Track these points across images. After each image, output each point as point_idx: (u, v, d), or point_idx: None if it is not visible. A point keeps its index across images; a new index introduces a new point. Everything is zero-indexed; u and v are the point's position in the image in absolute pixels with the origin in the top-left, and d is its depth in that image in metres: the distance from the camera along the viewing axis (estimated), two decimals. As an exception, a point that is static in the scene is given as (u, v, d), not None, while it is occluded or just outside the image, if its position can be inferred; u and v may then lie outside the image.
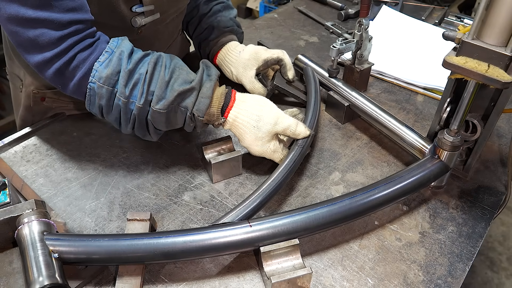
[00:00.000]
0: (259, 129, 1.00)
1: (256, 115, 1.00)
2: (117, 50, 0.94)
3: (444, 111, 1.03)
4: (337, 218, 0.89)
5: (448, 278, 0.88)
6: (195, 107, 0.96)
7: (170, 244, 0.82)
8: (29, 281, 0.75)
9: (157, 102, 0.93)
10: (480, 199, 1.05)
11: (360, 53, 1.31)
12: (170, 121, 0.98)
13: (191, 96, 0.96)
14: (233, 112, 1.01)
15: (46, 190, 1.05)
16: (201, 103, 0.97)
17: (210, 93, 0.97)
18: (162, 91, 0.93)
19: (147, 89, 0.93)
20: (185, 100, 0.96)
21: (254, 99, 1.03)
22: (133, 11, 1.05)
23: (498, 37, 0.79)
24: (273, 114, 1.01)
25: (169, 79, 0.94)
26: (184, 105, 0.96)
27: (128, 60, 0.93)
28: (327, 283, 0.87)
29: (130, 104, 0.94)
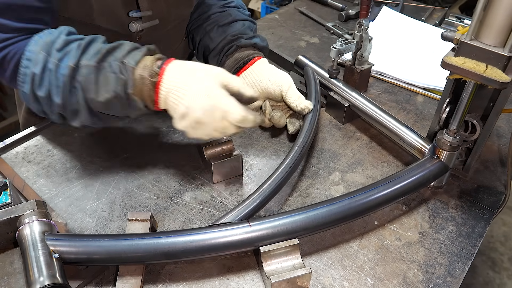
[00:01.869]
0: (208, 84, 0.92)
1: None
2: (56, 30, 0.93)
3: (443, 111, 1.03)
4: (337, 218, 0.89)
5: (447, 277, 0.88)
6: (126, 57, 0.90)
7: (170, 244, 0.82)
8: (30, 281, 0.75)
9: (87, 59, 0.88)
10: (480, 199, 1.06)
11: (360, 53, 1.32)
12: (99, 81, 0.89)
13: (122, 48, 0.92)
14: (171, 69, 0.92)
15: (47, 191, 1.06)
16: (134, 54, 0.91)
17: (144, 49, 0.93)
18: (95, 51, 0.90)
19: (81, 53, 0.89)
20: (116, 52, 0.91)
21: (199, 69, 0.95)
22: (130, 16, 1.05)
23: (496, 38, 0.79)
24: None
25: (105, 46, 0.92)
26: (114, 55, 0.90)
27: (67, 34, 0.93)
28: (327, 283, 0.87)
29: (62, 67, 0.88)
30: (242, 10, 1.30)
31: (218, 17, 1.25)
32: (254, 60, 1.20)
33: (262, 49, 1.25)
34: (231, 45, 1.20)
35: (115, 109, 0.92)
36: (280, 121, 1.18)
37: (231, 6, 1.29)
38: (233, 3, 1.31)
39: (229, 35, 1.20)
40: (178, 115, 0.91)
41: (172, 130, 1.25)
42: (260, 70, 1.18)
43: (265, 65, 1.20)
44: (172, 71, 0.91)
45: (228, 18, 1.24)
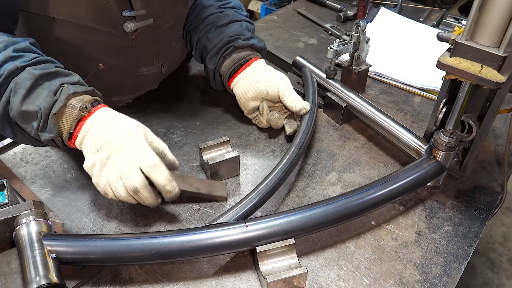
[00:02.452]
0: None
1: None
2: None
3: (440, 111, 1.03)
4: (333, 218, 0.89)
5: (443, 277, 0.88)
6: (69, 85, 0.90)
7: (167, 244, 0.82)
8: (26, 280, 0.76)
9: (34, 68, 0.89)
10: (477, 199, 1.06)
11: (357, 54, 1.32)
12: (31, 92, 0.88)
13: (71, 77, 0.93)
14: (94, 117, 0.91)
15: (45, 191, 1.06)
16: (77, 86, 0.92)
17: (89, 89, 0.94)
18: (46, 66, 0.91)
19: (33, 62, 0.89)
20: (64, 77, 0.92)
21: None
22: (124, 16, 1.05)
23: (491, 38, 0.79)
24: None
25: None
26: (57, 80, 0.90)
27: (32, 44, 0.94)
28: (323, 283, 0.87)
29: (9, 63, 0.87)
30: (239, 11, 1.31)
31: (216, 18, 1.25)
32: (252, 61, 1.20)
33: (259, 50, 1.26)
34: (228, 46, 1.20)
35: (30, 125, 0.90)
36: (278, 122, 1.18)
37: (228, 7, 1.29)
38: (230, 3, 1.31)
39: (227, 36, 1.20)
40: (92, 149, 0.89)
41: (169, 130, 1.25)
42: (258, 71, 1.18)
43: (262, 66, 1.20)
44: (103, 112, 0.92)
45: (226, 19, 1.24)
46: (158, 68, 1.28)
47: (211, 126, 1.28)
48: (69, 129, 0.89)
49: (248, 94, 1.18)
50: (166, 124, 1.28)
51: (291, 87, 1.17)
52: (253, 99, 1.18)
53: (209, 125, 1.28)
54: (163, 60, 1.28)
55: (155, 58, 1.24)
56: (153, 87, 1.36)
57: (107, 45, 1.10)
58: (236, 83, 1.20)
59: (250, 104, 1.19)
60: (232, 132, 1.26)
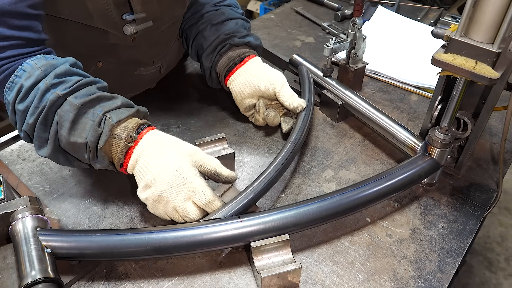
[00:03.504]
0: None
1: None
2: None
3: (435, 108, 1.04)
4: (327, 214, 0.90)
5: (437, 273, 0.88)
6: (110, 111, 0.89)
7: (162, 239, 0.82)
8: (22, 275, 0.76)
9: (75, 97, 0.87)
10: (472, 196, 1.06)
11: (354, 52, 1.32)
12: (76, 123, 0.87)
13: (114, 101, 0.91)
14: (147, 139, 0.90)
15: (41, 188, 1.06)
16: (120, 111, 0.90)
17: (133, 110, 0.92)
18: (87, 92, 0.89)
19: (74, 88, 0.88)
20: (106, 102, 0.90)
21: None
22: (124, 19, 1.06)
23: (485, 34, 0.80)
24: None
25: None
26: (99, 106, 0.88)
27: (71, 65, 0.92)
28: (317, 278, 0.87)
29: (50, 92, 0.86)
30: (235, 9, 1.31)
31: (211, 16, 1.25)
32: (248, 59, 1.20)
33: (255, 47, 1.26)
34: (224, 43, 1.20)
35: (81, 155, 0.90)
36: (274, 120, 1.18)
37: (224, 5, 1.30)
38: (226, 1, 1.31)
39: (223, 33, 1.21)
40: (143, 184, 0.88)
41: (166, 128, 1.26)
42: (254, 69, 1.19)
43: (258, 64, 1.21)
44: (149, 139, 0.90)
45: (221, 16, 1.25)
46: (157, 68, 1.29)
47: (208, 123, 1.28)
48: (119, 159, 0.89)
49: (244, 91, 1.18)
50: (162, 121, 1.28)
51: (287, 84, 1.17)
52: (249, 96, 1.18)
53: (206, 123, 1.29)
54: (162, 60, 1.29)
55: (154, 58, 1.25)
56: (151, 86, 1.37)
57: (107, 44, 1.10)
58: (232, 81, 1.20)
59: (247, 102, 1.19)
60: (228, 130, 1.26)
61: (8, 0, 0.84)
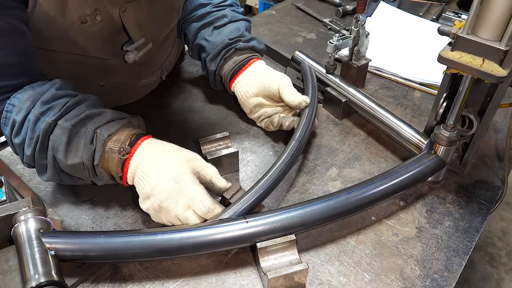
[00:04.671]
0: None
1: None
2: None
3: (440, 106, 1.03)
4: (334, 214, 0.89)
5: (444, 272, 0.88)
6: (101, 127, 0.89)
7: (167, 240, 0.82)
8: (25, 278, 0.75)
9: (65, 120, 0.87)
10: (477, 194, 1.05)
11: (357, 49, 1.31)
12: (70, 145, 0.87)
13: (103, 116, 0.91)
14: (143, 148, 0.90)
15: (43, 188, 1.05)
16: (110, 125, 0.90)
17: (124, 122, 0.93)
18: (76, 113, 0.89)
19: (63, 112, 0.88)
20: (96, 118, 0.90)
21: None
22: (124, 50, 1.05)
23: (493, 32, 0.78)
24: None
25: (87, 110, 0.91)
26: (89, 124, 0.89)
27: (57, 88, 0.91)
28: (324, 279, 0.87)
29: (41, 120, 0.87)
30: (236, 8, 1.30)
31: (214, 18, 1.24)
32: (252, 61, 1.20)
33: (259, 51, 1.26)
34: (229, 48, 1.20)
35: (82, 175, 0.91)
36: (289, 126, 1.17)
37: (226, 5, 1.29)
38: (228, 1, 1.31)
39: (227, 38, 1.20)
40: (143, 195, 0.89)
41: (168, 126, 1.25)
42: (258, 70, 1.18)
43: (262, 66, 1.21)
44: (145, 150, 0.90)
45: (224, 19, 1.24)
46: (158, 76, 1.30)
47: (210, 122, 1.27)
48: (116, 173, 0.90)
49: (249, 91, 1.17)
50: (164, 120, 1.27)
51: (291, 84, 1.16)
52: (254, 95, 1.17)
53: (208, 121, 1.28)
54: (162, 68, 1.29)
55: (154, 69, 1.26)
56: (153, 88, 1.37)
57: (107, 68, 1.10)
58: (237, 83, 1.20)
59: (252, 102, 1.18)
60: (231, 128, 1.25)
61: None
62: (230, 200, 0.92)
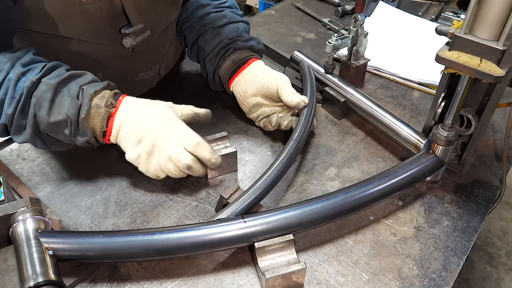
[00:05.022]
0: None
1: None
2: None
3: (438, 106, 1.03)
4: (332, 213, 0.89)
5: (442, 272, 0.88)
6: (85, 85, 0.93)
7: (164, 240, 0.82)
8: (23, 278, 0.75)
9: (48, 78, 0.90)
10: (475, 193, 1.05)
11: (356, 49, 1.31)
12: (53, 102, 0.90)
13: (85, 77, 0.95)
14: (125, 104, 0.96)
15: (42, 188, 1.05)
16: (94, 84, 0.94)
17: (105, 83, 0.96)
18: (58, 73, 0.92)
19: (44, 72, 0.91)
20: (78, 78, 0.94)
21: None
22: (122, 33, 1.05)
23: (490, 31, 0.79)
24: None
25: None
26: (72, 83, 0.92)
27: (34, 54, 0.95)
28: (322, 278, 0.87)
29: (22, 80, 0.89)
30: (235, 11, 1.30)
31: (213, 19, 1.24)
32: (251, 61, 1.20)
33: (258, 51, 1.26)
34: (228, 47, 1.20)
35: (62, 133, 0.93)
36: (287, 126, 1.17)
37: (225, 6, 1.29)
38: (227, 2, 1.30)
39: (226, 38, 1.20)
40: (133, 141, 0.94)
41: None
42: (257, 69, 1.18)
43: (261, 65, 1.20)
44: (128, 103, 0.96)
45: (223, 20, 1.24)
46: (156, 71, 1.29)
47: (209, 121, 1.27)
48: (101, 128, 0.93)
49: (248, 91, 1.17)
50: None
51: (290, 84, 1.16)
52: (253, 95, 1.17)
53: (207, 121, 1.28)
54: (160, 63, 1.29)
55: (152, 62, 1.25)
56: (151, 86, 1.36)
57: (105, 56, 1.10)
58: (236, 83, 1.20)
59: (250, 101, 1.18)
60: (230, 127, 1.25)
61: None
62: (228, 200, 0.92)
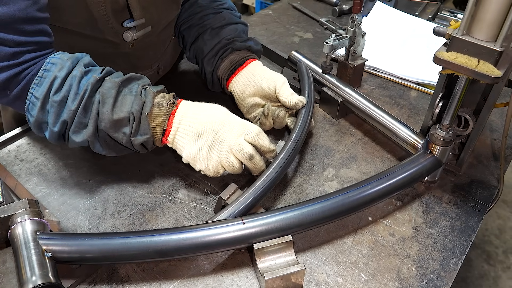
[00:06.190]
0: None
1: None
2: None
3: (436, 106, 1.03)
4: (330, 214, 0.89)
5: (441, 272, 0.88)
6: (147, 85, 0.96)
7: (163, 242, 0.82)
8: (22, 280, 0.75)
9: (112, 77, 0.93)
10: (473, 193, 1.06)
11: (353, 49, 1.31)
12: (117, 99, 0.91)
13: (144, 79, 0.98)
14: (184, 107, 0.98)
15: (40, 189, 1.05)
16: (154, 86, 0.98)
17: (162, 87, 0.99)
18: (118, 75, 0.95)
19: (106, 72, 0.93)
20: (139, 80, 0.97)
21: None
22: (124, 26, 1.05)
23: (488, 32, 0.79)
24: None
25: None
26: (134, 84, 0.95)
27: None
28: (321, 279, 0.87)
29: (87, 78, 0.91)
30: (234, 12, 1.30)
31: (212, 20, 1.24)
32: (249, 61, 1.20)
33: (256, 52, 1.26)
34: (226, 48, 1.20)
35: (122, 132, 0.93)
36: (283, 120, 1.17)
37: (224, 8, 1.29)
38: (225, 4, 1.30)
39: (224, 38, 1.20)
40: (193, 136, 0.95)
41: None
42: (255, 69, 1.18)
43: (259, 66, 1.20)
44: (187, 103, 0.99)
45: (222, 21, 1.24)
46: (155, 70, 1.29)
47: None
48: (162, 126, 0.95)
49: (246, 91, 1.17)
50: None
51: (288, 84, 1.16)
52: (251, 95, 1.17)
53: (205, 121, 1.27)
54: (159, 61, 1.29)
55: (151, 61, 1.25)
56: None
57: (105, 52, 1.10)
58: (234, 83, 1.20)
59: (248, 101, 1.18)
60: (228, 128, 1.25)
61: (18, 6, 0.83)
62: (227, 201, 0.92)
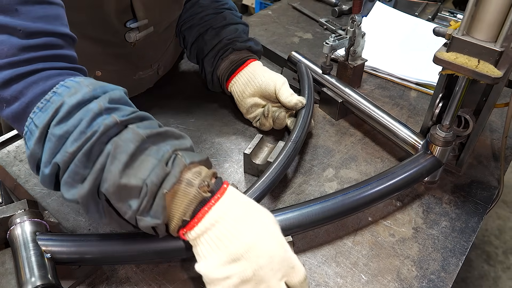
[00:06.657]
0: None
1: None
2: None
3: (436, 106, 1.03)
4: (330, 215, 0.89)
5: (441, 273, 0.88)
6: (181, 150, 0.71)
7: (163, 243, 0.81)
8: (21, 281, 0.75)
9: (138, 127, 0.69)
10: (473, 193, 1.06)
11: (353, 49, 1.31)
12: (134, 160, 0.67)
13: (183, 140, 0.74)
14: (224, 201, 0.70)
15: (39, 190, 1.05)
16: (194, 154, 0.72)
17: (205, 156, 0.74)
18: (149, 125, 0.71)
19: (135, 117, 0.71)
20: (175, 140, 0.73)
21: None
22: (127, 27, 1.05)
23: (488, 33, 0.79)
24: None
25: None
26: (166, 143, 0.70)
27: (125, 92, 0.76)
28: (321, 280, 0.87)
29: (104, 116, 0.67)
30: (235, 13, 1.30)
31: (212, 20, 1.24)
32: (249, 62, 1.20)
33: (256, 52, 1.26)
34: (226, 48, 1.20)
35: (124, 204, 0.68)
36: (283, 121, 1.17)
37: (225, 8, 1.29)
38: (227, 5, 1.30)
39: (225, 38, 1.20)
40: (228, 256, 0.66)
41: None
42: (255, 70, 1.19)
43: (259, 66, 1.21)
44: (233, 199, 0.70)
45: (223, 21, 1.24)
46: (155, 70, 1.29)
47: (207, 122, 1.27)
48: (182, 214, 0.68)
49: (246, 91, 1.17)
50: (161, 121, 1.24)
51: (288, 84, 1.16)
52: (251, 95, 1.17)
53: (205, 122, 1.27)
54: (159, 62, 1.28)
55: (152, 61, 1.25)
56: (149, 86, 1.36)
57: (106, 52, 1.09)
58: (234, 83, 1.20)
59: (248, 102, 1.18)
60: (227, 129, 1.25)
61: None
62: None
